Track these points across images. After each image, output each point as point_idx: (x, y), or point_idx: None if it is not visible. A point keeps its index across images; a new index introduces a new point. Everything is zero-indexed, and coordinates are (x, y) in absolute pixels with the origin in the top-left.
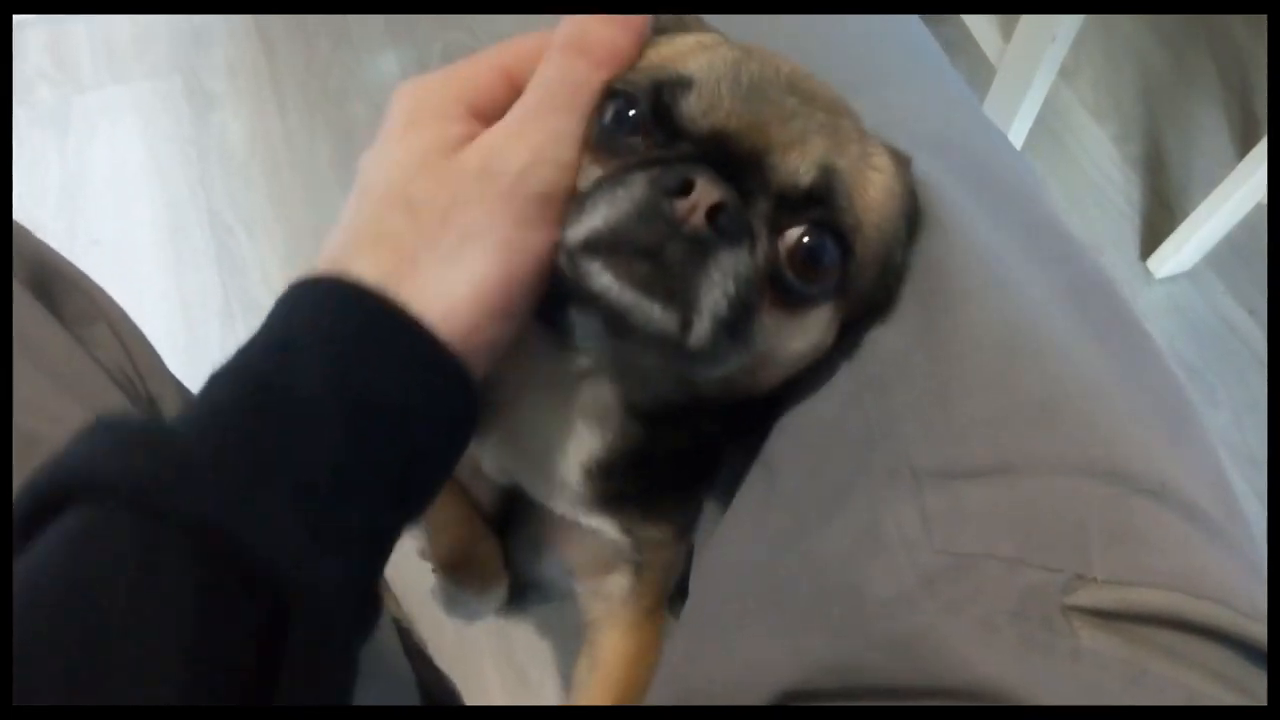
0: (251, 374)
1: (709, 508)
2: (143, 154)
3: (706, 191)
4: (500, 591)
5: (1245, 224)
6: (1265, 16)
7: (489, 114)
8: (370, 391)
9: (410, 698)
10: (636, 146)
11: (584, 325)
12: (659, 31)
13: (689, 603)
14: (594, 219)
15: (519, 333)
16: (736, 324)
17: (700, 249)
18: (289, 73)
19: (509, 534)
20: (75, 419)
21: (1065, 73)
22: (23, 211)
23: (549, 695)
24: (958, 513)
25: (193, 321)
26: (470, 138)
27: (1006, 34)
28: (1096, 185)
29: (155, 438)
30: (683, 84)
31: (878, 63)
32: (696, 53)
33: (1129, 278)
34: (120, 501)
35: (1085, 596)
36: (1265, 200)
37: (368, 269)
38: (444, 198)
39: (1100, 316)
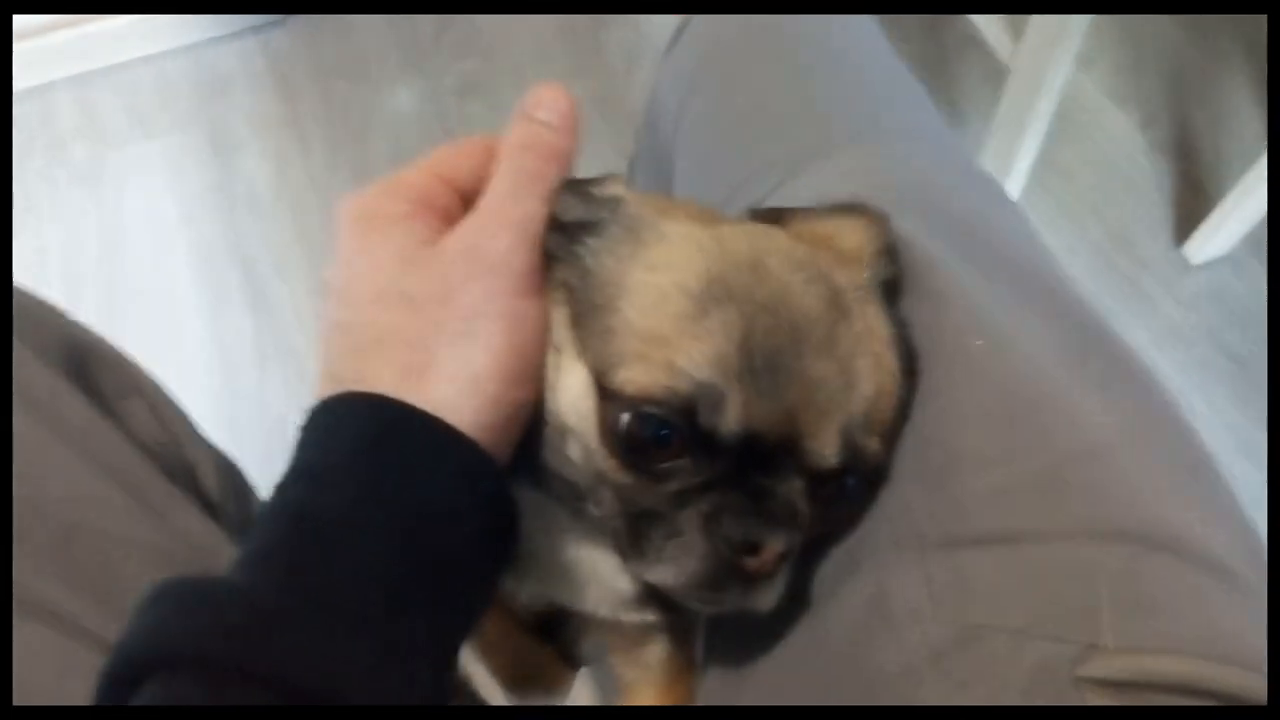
0: (289, 510)
1: None
2: (174, 205)
3: (773, 547)
4: (569, 687)
5: None
6: None
7: (438, 211)
8: (402, 502)
9: None
10: (673, 470)
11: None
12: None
13: (706, 671)
14: (665, 573)
15: (534, 399)
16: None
17: (776, 574)
18: (309, 114)
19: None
20: (116, 504)
21: (1084, 61)
22: (65, 267)
23: None
24: (964, 582)
25: (230, 366)
26: (437, 230)
27: (1017, 33)
28: (1125, 174)
29: (216, 599)
30: (712, 399)
31: (867, 121)
32: (693, 332)
33: (1165, 267)
34: (197, 670)
35: (1097, 666)
36: None
37: (383, 372)
38: (439, 284)
39: (1103, 368)
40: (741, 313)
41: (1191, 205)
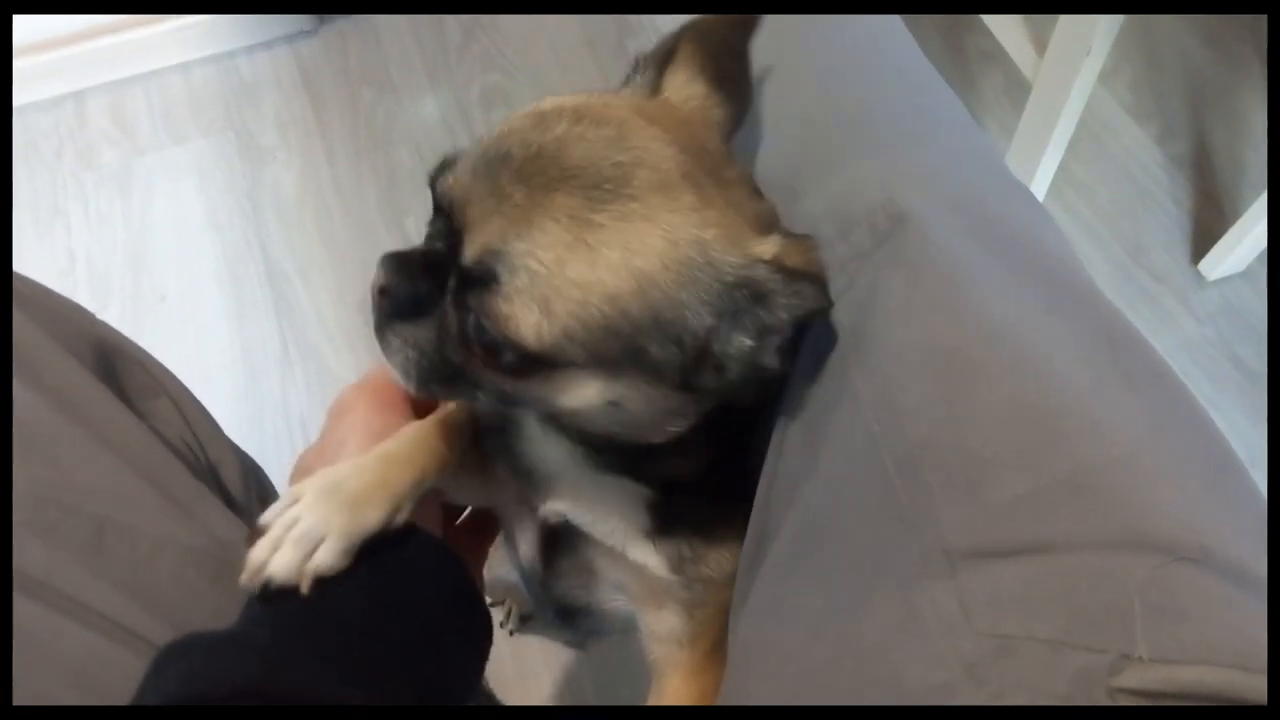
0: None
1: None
2: (201, 209)
3: (378, 275)
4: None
5: None
6: None
7: None
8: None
9: None
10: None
11: None
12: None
13: (728, 671)
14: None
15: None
16: (447, 377)
17: (385, 320)
18: (335, 122)
19: (554, 562)
20: (147, 501)
21: (1103, 75)
22: (93, 269)
23: None
24: (996, 593)
25: (254, 369)
26: None
27: (1040, 47)
28: (1142, 188)
29: (225, 647)
30: (448, 163)
31: (895, 121)
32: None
33: (1181, 281)
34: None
35: (1132, 677)
36: None
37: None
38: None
39: (1129, 371)
40: (522, 121)
41: (1208, 221)
